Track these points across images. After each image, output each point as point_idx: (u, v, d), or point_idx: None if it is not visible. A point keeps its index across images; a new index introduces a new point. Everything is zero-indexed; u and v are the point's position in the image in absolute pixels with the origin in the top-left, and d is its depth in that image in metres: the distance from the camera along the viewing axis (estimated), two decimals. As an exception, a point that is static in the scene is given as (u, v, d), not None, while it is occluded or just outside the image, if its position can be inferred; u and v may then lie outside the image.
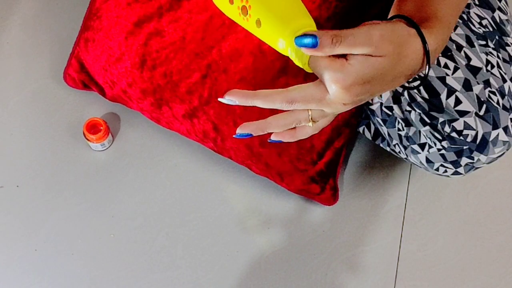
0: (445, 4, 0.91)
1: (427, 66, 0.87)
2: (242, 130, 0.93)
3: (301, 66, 0.87)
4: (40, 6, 1.57)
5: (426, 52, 0.86)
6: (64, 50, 1.50)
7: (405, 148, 1.19)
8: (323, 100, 0.85)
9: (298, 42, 0.81)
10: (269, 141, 0.96)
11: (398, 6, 0.94)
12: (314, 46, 0.80)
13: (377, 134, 1.27)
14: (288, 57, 1.24)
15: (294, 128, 0.93)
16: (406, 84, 0.92)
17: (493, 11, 1.17)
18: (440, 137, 1.11)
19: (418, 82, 0.97)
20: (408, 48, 0.84)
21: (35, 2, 1.57)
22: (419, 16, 0.89)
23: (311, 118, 0.90)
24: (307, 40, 0.80)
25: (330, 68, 0.82)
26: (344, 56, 0.82)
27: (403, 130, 1.17)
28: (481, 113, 1.08)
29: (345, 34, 0.80)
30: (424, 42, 0.85)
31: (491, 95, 1.08)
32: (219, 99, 0.89)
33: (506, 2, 1.22)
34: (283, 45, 0.86)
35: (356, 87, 0.82)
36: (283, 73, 1.23)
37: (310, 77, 1.24)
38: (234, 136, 0.94)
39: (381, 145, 1.28)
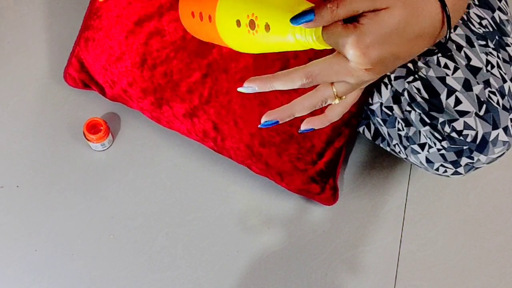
0: None
1: (447, 24, 0.85)
2: (268, 117, 0.90)
3: (310, 46, 0.84)
4: (41, 5, 1.57)
5: (443, 4, 0.83)
6: (64, 50, 1.50)
7: (405, 148, 1.19)
8: (344, 69, 0.83)
9: (295, 22, 0.80)
10: (299, 131, 0.94)
11: None
12: (311, 20, 0.78)
13: (377, 134, 1.27)
14: (289, 58, 1.25)
15: (323, 111, 0.91)
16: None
17: (493, 11, 1.17)
18: (440, 137, 1.11)
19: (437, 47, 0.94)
20: (422, 2, 0.81)
21: (36, 2, 1.57)
22: None
23: (337, 94, 0.88)
24: (307, 17, 0.79)
25: (344, 33, 0.80)
26: (356, 21, 0.79)
27: (403, 130, 1.17)
28: (481, 113, 1.08)
29: None
30: None
31: (491, 95, 1.08)
32: (239, 89, 0.87)
33: (506, 2, 1.22)
34: (292, 35, 0.85)
35: (375, 47, 0.80)
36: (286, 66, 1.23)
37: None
38: (259, 126, 0.91)
39: (381, 145, 1.28)
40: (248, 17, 0.90)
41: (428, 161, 1.16)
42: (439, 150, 1.13)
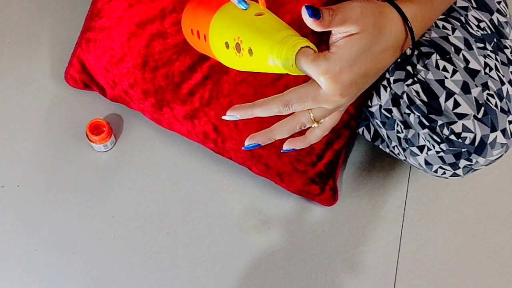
0: None
1: (411, 35, 0.91)
2: (249, 141, 0.95)
3: (289, 72, 0.89)
4: (41, 5, 1.57)
5: (404, 19, 0.89)
6: (65, 50, 1.50)
7: (404, 150, 1.20)
8: (319, 96, 0.87)
9: (307, 11, 0.83)
10: (282, 151, 0.99)
11: None
12: (317, 17, 0.83)
13: (377, 135, 1.27)
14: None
15: (304, 133, 0.95)
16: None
17: (492, 13, 1.17)
18: (438, 140, 1.11)
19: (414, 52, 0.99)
20: (384, 19, 0.88)
21: (36, 2, 1.57)
22: None
23: (314, 119, 0.92)
24: (313, 11, 0.83)
25: (315, 62, 0.84)
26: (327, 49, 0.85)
27: (402, 132, 1.17)
28: (480, 115, 1.08)
29: (337, 8, 0.84)
30: (398, 9, 0.89)
31: (489, 97, 1.08)
32: (222, 117, 0.92)
33: (506, 4, 1.22)
34: (272, 58, 0.89)
35: (345, 73, 0.85)
36: (283, 74, 1.23)
37: (309, 78, 1.24)
38: (243, 148, 0.96)
39: (380, 146, 1.28)
40: (234, 40, 0.94)
41: (427, 163, 1.17)
42: (437, 152, 1.13)
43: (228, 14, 1.00)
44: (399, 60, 1.01)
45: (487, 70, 1.10)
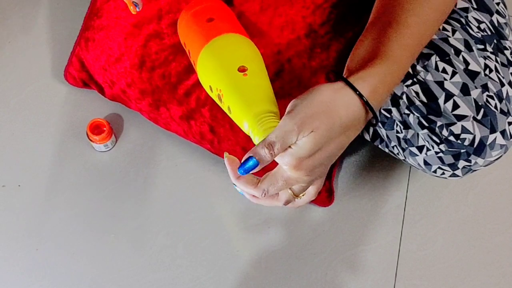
0: (398, 44, 0.96)
1: (371, 111, 0.92)
2: (241, 188, 0.99)
3: None
4: (42, 5, 1.57)
5: (361, 96, 0.90)
6: (65, 49, 1.51)
7: (403, 150, 1.20)
8: (289, 179, 0.92)
9: (243, 171, 0.90)
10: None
11: (355, 49, 1.01)
12: (257, 165, 0.89)
13: (376, 135, 1.27)
14: (283, 62, 1.26)
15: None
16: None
17: (492, 14, 1.16)
18: (438, 141, 1.11)
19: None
20: (337, 105, 0.89)
21: (37, 1, 1.57)
22: (367, 58, 0.95)
23: (295, 194, 0.98)
24: (250, 164, 0.89)
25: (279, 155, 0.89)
26: None
27: (402, 132, 1.17)
28: (479, 117, 1.08)
29: (273, 140, 0.87)
30: (354, 89, 0.90)
31: (489, 99, 1.08)
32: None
33: (505, 5, 1.21)
34: (247, 126, 0.95)
35: (306, 162, 0.89)
36: (278, 77, 1.24)
37: (303, 81, 1.25)
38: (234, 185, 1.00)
39: (379, 146, 1.28)
40: (217, 90, 1.00)
41: (426, 163, 1.17)
42: (437, 153, 1.13)
43: (215, 56, 1.03)
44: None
45: (487, 71, 1.10)
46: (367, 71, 0.92)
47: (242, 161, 0.89)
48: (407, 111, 1.13)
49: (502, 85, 1.10)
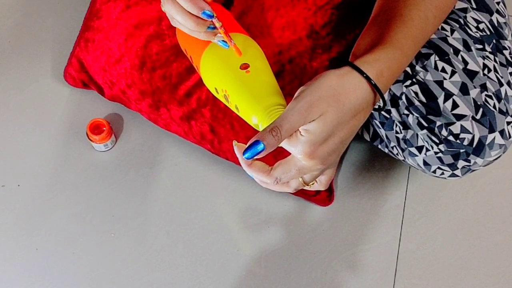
0: (402, 33, 0.96)
1: (378, 93, 0.91)
2: (249, 171, 0.96)
3: None
4: (42, 5, 1.57)
5: (368, 79, 0.89)
6: (65, 50, 1.51)
7: (402, 150, 1.20)
8: (302, 168, 0.90)
9: (250, 155, 0.87)
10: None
11: (360, 38, 1.00)
12: (263, 149, 0.86)
13: (376, 135, 1.27)
14: (284, 63, 1.26)
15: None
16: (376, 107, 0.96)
17: (491, 14, 1.16)
18: (437, 141, 1.11)
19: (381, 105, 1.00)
20: (346, 89, 0.88)
21: (37, 1, 1.57)
22: (371, 45, 0.95)
23: (305, 182, 0.96)
24: (256, 148, 0.86)
25: (289, 144, 0.88)
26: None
27: (401, 133, 1.17)
28: (478, 116, 1.08)
29: (279, 123, 0.86)
30: (361, 72, 0.89)
31: (488, 99, 1.09)
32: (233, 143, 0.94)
33: (504, 5, 1.21)
34: (256, 120, 0.95)
35: (319, 149, 0.88)
36: (278, 77, 1.24)
37: (304, 81, 1.25)
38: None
39: (379, 146, 1.28)
40: (222, 91, 0.99)
41: (425, 163, 1.17)
42: (436, 153, 1.13)
43: (216, 58, 1.03)
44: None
45: (485, 71, 1.10)
46: (372, 56, 0.92)
47: (248, 145, 0.87)
48: (406, 112, 1.13)
49: (501, 85, 1.10)
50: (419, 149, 1.16)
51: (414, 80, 1.11)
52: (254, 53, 1.03)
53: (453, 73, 1.09)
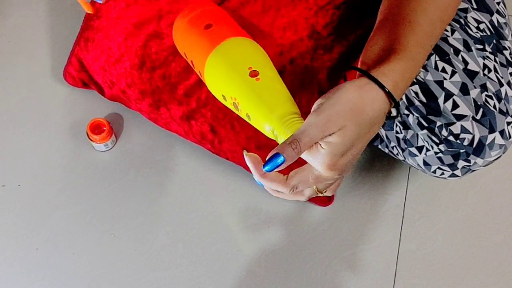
0: (413, 41, 0.96)
1: (394, 102, 0.92)
2: (261, 181, 0.97)
3: None
4: (42, 4, 1.57)
5: (387, 92, 0.90)
6: (65, 49, 1.51)
7: (403, 150, 1.20)
8: (319, 177, 0.92)
9: (270, 168, 0.87)
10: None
11: (368, 46, 1.00)
12: (283, 162, 0.86)
13: (376, 135, 1.27)
14: (285, 63, 1.25)
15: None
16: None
17: (491, 14, 1.16)
18: (437, 141, 1.11)
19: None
20: (364, 101, 0.88)
21: (37, 1, 1.57)
22: (382, 55, 0.95)
23: (318, 191, 0.97)
24: (276, 161, 0.87)
25: (310, 155, 0.89)
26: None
27: (401, 133, 1.17)
28: (478, 117, 1.08)
29: (298, 136, 0.86)
30: (379, 84, 0.90)
31: (488, 99, 1.09)
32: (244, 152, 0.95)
33: (504, 5, 1.21)
34: (270, 129, 0.94)
35: (339, 160, 0.89)
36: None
37: (305, 82, 1.25)
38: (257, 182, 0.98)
39: (379, 146, 1.28)
40: (231, 98, 0.98)
41: (425, 163, 1.17)
42: (436, 153, 1.13)
43: (222, 64, 1.01)
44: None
45: (486, 71, 1.10)
46: (387, 67, 0.92)
47: (268, 158, 0.87)
48: (406, 112, 1.13)
49: (501, 85, 1.10)
50: (419, 149, 1.16)
51: (414, 80, 1.11)
52: (261, 59, 1.02)
53: (453, 73, 1.09)
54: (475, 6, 1.16)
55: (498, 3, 1.19)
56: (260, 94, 0.96)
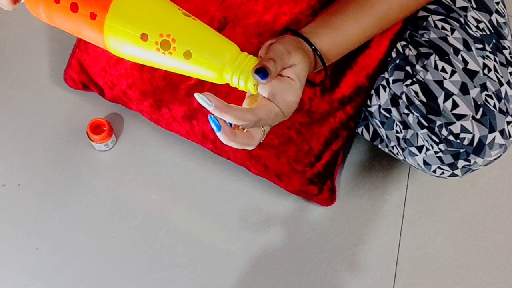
0: (346, 21, 1.00)
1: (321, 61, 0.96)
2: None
3: (242, 89, 0.90)
4: (42, 4, 1.57)
5: (314, 50, 0.95)
6: (65, 49, 1.51)
7: (403, 150, 1.20)
8: (277, 116, 0.89)
9: (260, 76, 0.85)
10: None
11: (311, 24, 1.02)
12: (267, 76, 0.85)
13: (376, 135, 1.27)
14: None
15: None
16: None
17: (491, 14, 1.17)
18: (437, 140, 1.11)
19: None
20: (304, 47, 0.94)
21: (37, 1, 1.57)
22: (315, 27, 0.99)
23: (265, 134, 0.94)
24: (265, 73, 0.85)
25: (280, 85, 0.88)
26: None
27: (401, 132, 1.17)
28: (478, 116, 1.08)
29: (275, 54, 0.88)
30: (309, 44, 0.95)
31: (488, 98, 1.09)
32: (194, 94, 0.87)
33: (504, 5, 1.22)
34: (219, 73, 0.88)
35: (300, 94, 0.90)
36: None
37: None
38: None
39: (379, 146, 1.28)
40: (161, 36, 0.86)
41: (425, 163, 1.17)
42: (436, 152, 1.13)
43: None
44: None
45: (485, 71, 1.10)
46: (315, 35, 0.97)
47: (255, 69, 0.86)
48: (406, 111, 1.13)
49: (501, 84, 1.10)
50: (419, 148, 1.16)
51: (414, 79, 1.11)
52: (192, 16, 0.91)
53: (453, 72, 1.09)
54: (474, 5, 1.16)
55: (498, 3, 1.19)
56: (204, 33, 0.88)
